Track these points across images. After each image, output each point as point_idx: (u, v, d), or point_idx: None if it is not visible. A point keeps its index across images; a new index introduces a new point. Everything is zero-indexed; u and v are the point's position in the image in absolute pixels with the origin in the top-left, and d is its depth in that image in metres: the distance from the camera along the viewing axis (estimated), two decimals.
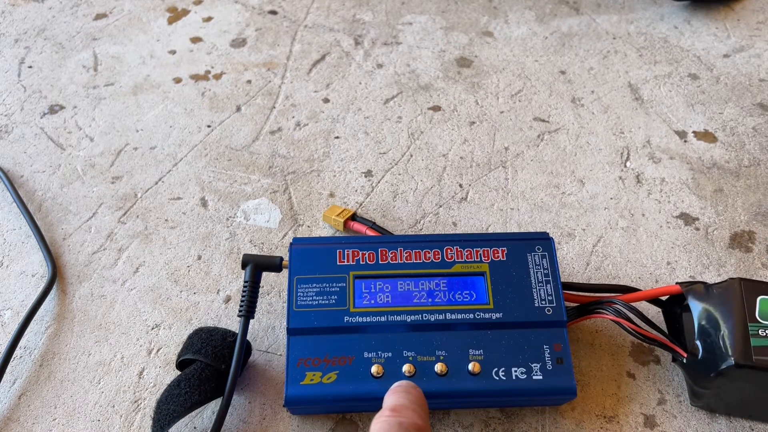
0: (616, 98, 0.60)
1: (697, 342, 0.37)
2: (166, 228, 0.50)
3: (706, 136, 0.56)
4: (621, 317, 0.38)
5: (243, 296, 0.39)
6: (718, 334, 0.36)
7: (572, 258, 0.48)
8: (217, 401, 0.38)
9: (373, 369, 0.36)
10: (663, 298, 0.41)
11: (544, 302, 0.39)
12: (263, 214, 0.51)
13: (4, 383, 0.41)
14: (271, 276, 0.46)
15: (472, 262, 0.40)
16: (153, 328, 0.44)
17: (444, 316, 0.38)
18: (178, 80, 0.62)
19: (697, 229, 0.49)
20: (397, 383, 0.34)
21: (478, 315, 0.38)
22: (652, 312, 0.42)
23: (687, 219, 0.50)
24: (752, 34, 0.67)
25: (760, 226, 0.49)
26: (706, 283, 0.38)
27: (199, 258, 0.48)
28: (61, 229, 0.50)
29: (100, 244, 0.49)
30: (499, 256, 0.40)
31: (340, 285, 0.39)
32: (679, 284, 0.39)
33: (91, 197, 0.52)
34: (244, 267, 0.40)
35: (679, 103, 0.59)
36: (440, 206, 0.51)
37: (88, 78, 0.63)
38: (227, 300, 0.45)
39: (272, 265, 0.40)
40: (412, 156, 0.55)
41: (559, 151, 0.55)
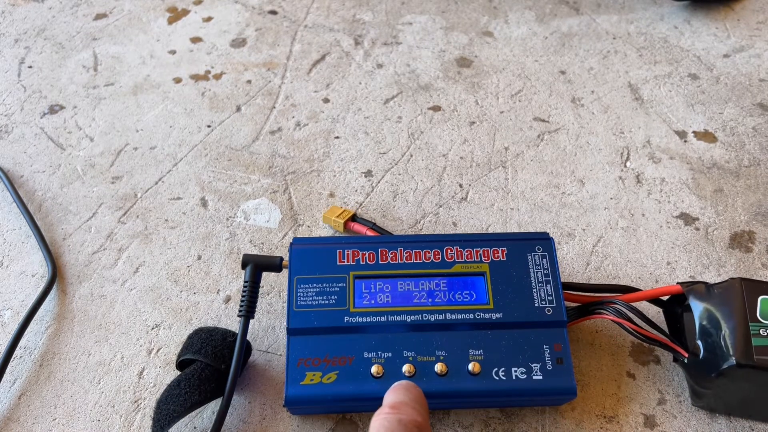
0: (616, 98, 0.60)
1: (698, 342, 0.37)
2: (166, 228, 0.50)
3: (706, 136, 0.56)
4: (621, 317, 0.38)
5: (243, 296, 0.39)
6: (720, 334, 0.36)
7: (572, 258, 0.48)
8: (217, 401, 0.38)
9: (373, 369, 0.36)
10: (664, 298, 0.41)
11: (544, 302, 0.39)
12: (263, 214, 0.51)
13: (4, 383, 0.41)
14: (271, 276, 0.46)
15: (472, 262, 0.40)
16: (153, 328, 0.44)
17: (444, 316, 0.38)
18: (178, 80, 0.62)
19: (697, 229, 0.49)
20: (397, 382, 0.34)
21: (478, 315, 0.38)
22: (653, 312, 0.42)
23: (687, 219, 0.50)
24: (752, 34, 0.67)
25: (760, 226, 0.49)
26: (707, 283, 0.38)
27: (199, 258, 0.48)
28: (61, 229, 0.50)
29: (100, 244, 0.49)
30: (499, 256, 0.40)
31: (340, 285, 0.39)
32: (680, 284, 0.39)
33: (91, 197, 0.52)
34: (244, 267, 0.40)
35: (679, 103, 0.59)
36: (440, 206, 0.51)
37: (88, 78, 0.63)
38: (227, 300, 0.45)
39: (272, 265, 0.40)
40: (412, 156, 0.55)
41: (559, 151, 0.55)
